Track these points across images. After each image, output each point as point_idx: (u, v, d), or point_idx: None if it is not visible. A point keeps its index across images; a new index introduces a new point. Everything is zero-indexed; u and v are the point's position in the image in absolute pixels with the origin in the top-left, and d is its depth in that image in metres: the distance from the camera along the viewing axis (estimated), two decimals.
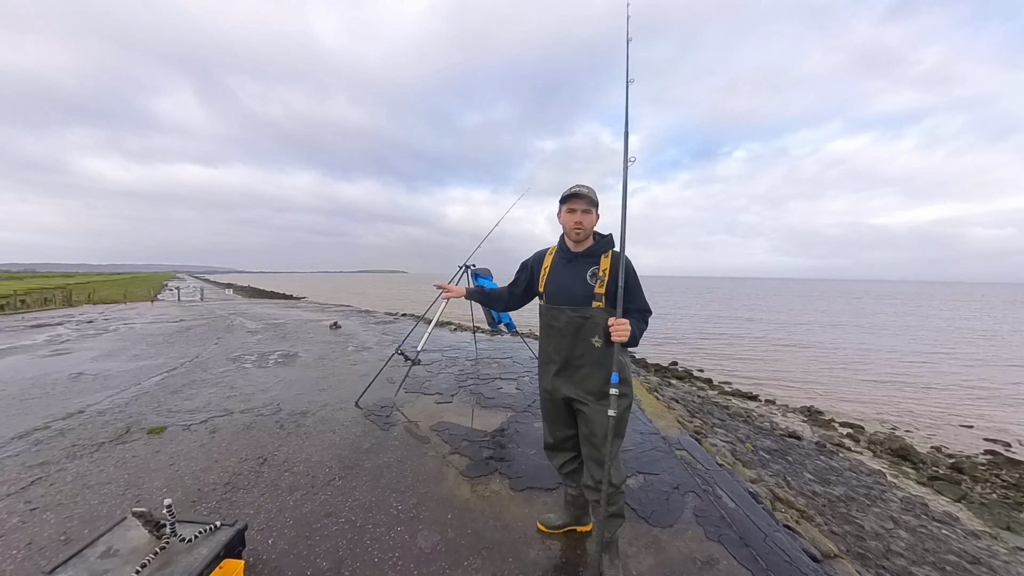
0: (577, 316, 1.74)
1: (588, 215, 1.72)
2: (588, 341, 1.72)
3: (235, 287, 55.88)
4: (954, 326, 28.03)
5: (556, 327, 1.80)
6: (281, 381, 4.70)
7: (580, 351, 1.75)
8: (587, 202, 1.71)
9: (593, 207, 1.73)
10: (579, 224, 1.72)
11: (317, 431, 3.29)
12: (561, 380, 1.83)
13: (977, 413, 9.30)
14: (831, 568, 2.07)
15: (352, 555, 1.91)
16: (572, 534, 2.08)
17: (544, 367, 1.93)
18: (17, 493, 2.39)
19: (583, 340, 1.74)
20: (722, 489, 2.58)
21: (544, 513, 2.22)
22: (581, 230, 1.73)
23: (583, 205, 1.71)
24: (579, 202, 1.71)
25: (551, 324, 1.83)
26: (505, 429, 3.40)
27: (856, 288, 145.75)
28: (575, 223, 1.72)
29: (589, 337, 1.71)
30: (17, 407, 3.83)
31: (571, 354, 1.78)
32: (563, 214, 1.78)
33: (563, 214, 1.78)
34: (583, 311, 1.73)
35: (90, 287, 36.01)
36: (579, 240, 1.78)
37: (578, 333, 1.74)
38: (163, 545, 1.58)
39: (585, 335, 1.73)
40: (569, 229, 1.77)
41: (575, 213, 1.72)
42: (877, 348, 17.96)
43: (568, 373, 1.80)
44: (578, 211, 1.72)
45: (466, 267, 4.28)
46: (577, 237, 1.77)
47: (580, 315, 1.73)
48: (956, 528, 4.14)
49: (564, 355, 1.79)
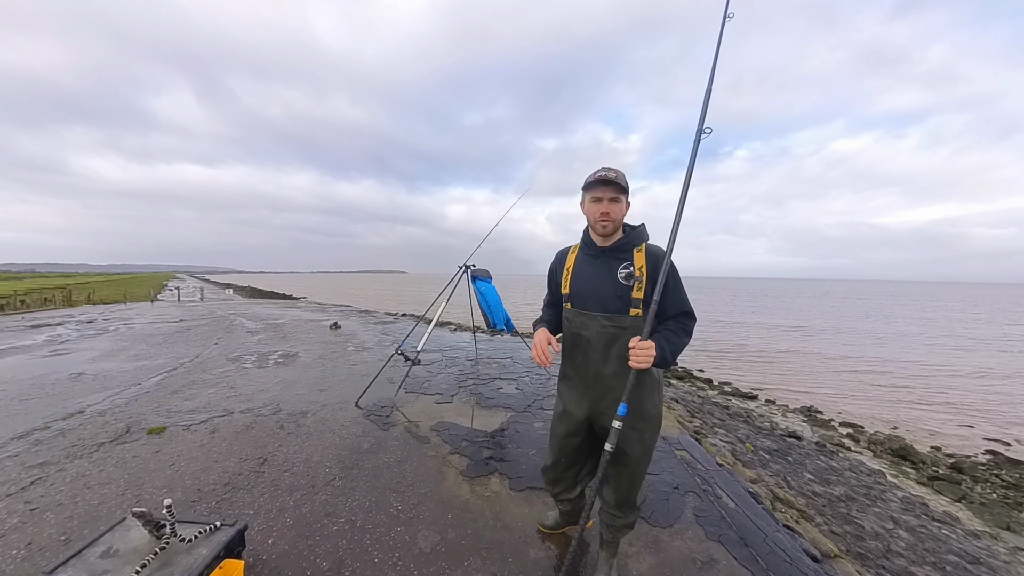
0: (611, 326, 1.48)
1: (617, 204, 1.46)
2: (624, 356, 1.42)
3: (235, 287, 55.87)
4: (954, 327, 28.02)
5: (585, 336, 1.53)
6: (281, 381, 4.70)
7: (613, 369, 1.49)
8: (616, 189, 1.44)
9: (623, 194, 1.46)
10: (606, 215, 1.46)
11: (317, 431, 3.29)
12: (588, 403, 1.58)
13: (977, 413, 9.30)
14: (831, 568, 2.07)
15: (352, 555, 1.91)
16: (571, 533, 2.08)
17: (566, 383, 1.66)
18: (17, 493, 2.39)
19: (618, 356, 1.47)
20: (722, 489, 2.57)
21: (544, 512, 2.21)
22: (609, 222, 1.47)
23: (611, 192, 1.45)
24: (606, 189, 1.44)
25: (579, 332, 1.55)
26: (505, 429, 3.40)
27: (860, 288, 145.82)
28: (601, 213, 1.46)
29: (625, 352, 1.41)
30: (17, 407, 3.83)
31: (601, 371, 1.52)
32: (587, 203, 1.51)
33: (587, 203, 1.51)
34: (618, 320, 1.47)
35: (90, 287, 36.01)
36: (607, 233, 1.50)
37: (611, 347, 1.49)
38: (163, 545, 1.58)
39: (621, 350, 1.45)
40: (595, 220, 1.50)
41: (601, 202, 1.46)
42: (877, 348, 17.97)
43: (597, 394, 1.55)
44: (605, 199, 1.45)
45: (466, 267, 4.28)
46: (604, 230, 1.49)
47: (615, 325, 1.47)
48: (956, 528, 4.14)
49: (593, 372, 1.54)
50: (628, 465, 1.58)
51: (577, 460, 1.77)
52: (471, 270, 4.27)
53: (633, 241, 1.51)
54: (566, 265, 1.64)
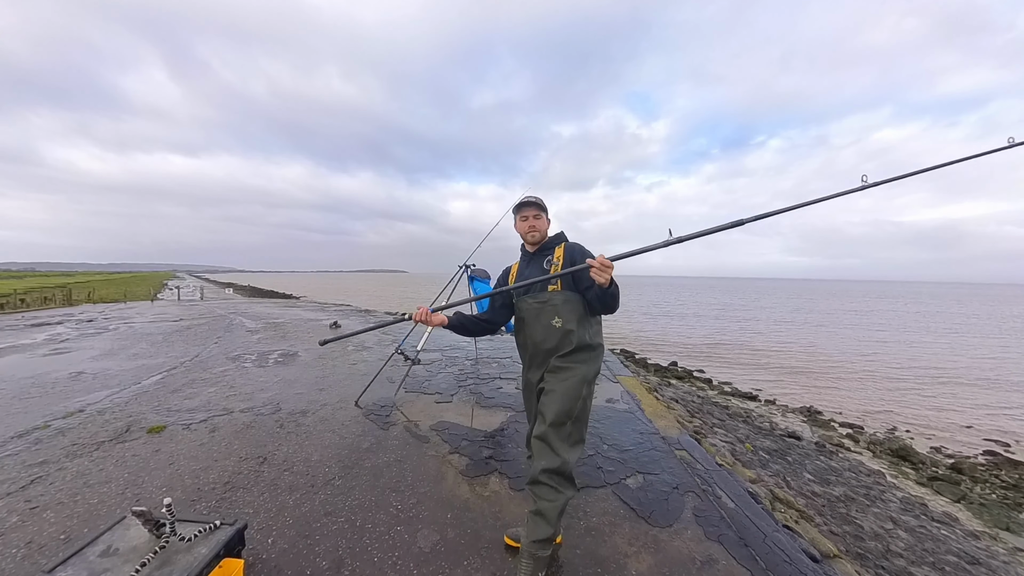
0: (535, 303, 1.88)
1: (539, 219, 1.96)
2: (549, 324, 1.84)
3: (235, 287, 55.91)
4: (956, 327, 28.01)
5: (522, 318, 1.96)
6: (281, 380, 4.70)
7: (543, 335, 1.87)
8: (537, 208, 1.95)
9: (543, 212, 1.96)
10: (533, 228, 1.95)
11: (317, 430, 3.29)
12: (534, 369, 1.96)
13: (977, 413, 9.31)
14: (830, 568, 2.07)
15: (352, 554, 1.92)
16: (568, 534, 2.08)
17: (522, 362, 2.07)
18: (17, 492, 2.39)
19: (544, 324, 1.86)
20: (722, 489, 2.58)
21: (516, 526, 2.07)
22: (536, 232, 1.96)
23: (534, 211, 1.95)
24: (530, 209, 1.95)
25: (519, 317, 1.99)
26: (505, 429, 3.41)
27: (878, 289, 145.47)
28: (529, 227, 1.96)
29: (549, 320, 1.83)
30: (17, 406, 3.83)
31: (537, 339, 1.89)
32: (518, 222, 2.01)
33: (518, 222, 2.01)
34: (542, 296, 1.88)
35: (90, 286, 36.02)
36: (535, 242, 1.99)
37: (539, 318, 1.87)
38: (163, 544, 1.58)
39: (546, 319, 1.85)
40: (525, 233, 1.99)
41: (528, 220, 1.96)
42: (879, 348, 17.97)
43: (538, 360, 1.92)
44: (530, 216, 1.95)
45: (465, 267, 4.26)
46: (532, 239, 1.98)
47: (539, 300, 1.87)
48: (955, 528, 4.14)
49: (533, 342, 1.92)
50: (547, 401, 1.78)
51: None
52: (470, 270, 4.26)
53: (555, 242, 1.99)
54: (511, 274, 2.11)
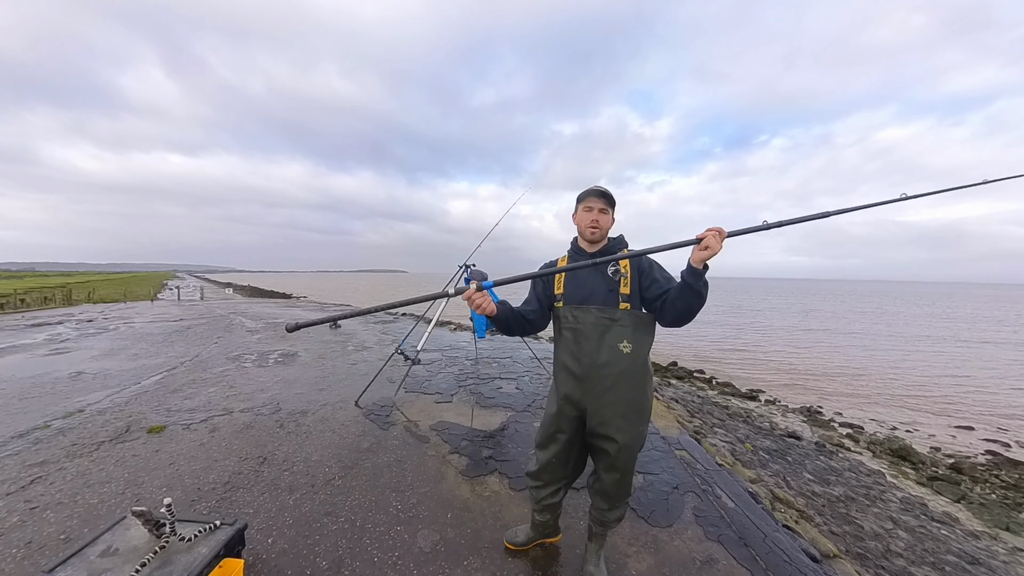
0: (604, 317, 1.59)
1: (605, 215, 1.66)
2: (616, 347, 1.57)
3: (235, 286, 55.90)
4: (958, 326, 28.03)
5: (579, 329, 1.62)
6: (281, 380, 4.70)
7: (606, 358, 1.58)
8: (605, 201, 1.65)
9: (610, 207, 1.67)
10: (595, 223, 1.65)
11: (317, 430, 3.29)
12: (582, 391, 1.63)
13: (977, 413, 9.30)
14: (830, 568, 2.08)
15: (352, 554, 1.92)
16: (569, 534, 2.08)
17: (561, 376, 1.70)
18: (17, 492, 2.39)
19: (610, 345, 1.58)
20: (721, 489, 2.58)
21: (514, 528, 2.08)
22: (597, 229, 1.66)
23: (601, 204, 1.65)
24: (598, 200, 1.65)
25: (574, 327, 1.64)
26: (505, 429, 3.40)
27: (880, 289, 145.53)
28: (591, 221, 1.65)
29: (617, 342, 1.56)
30: (17, 406, 3.83)
31: (595, 361, 1.59)
32: (579, 212, 1.70)
33: (579, 212, 1.70)
34: (610, 312, 1.59)
35: (90, 286, 36.02)
36: (595, 240, 1.69)
37: (604, 337, 1.58)
38: (163, 544, 1.58)
39: (612, 340, 1.57)
40: (584, 227, 1.68)
41: (592, 212, 1.66)
42: (877, 349, 17.97)
43: (591, 384, 1.61)
44: (595, 209, 1.66)
45: (465, 267, 4.25)
46: (593, 236, 1.68)
47: (607, 316, 1.59)
48: (955, 528, 4.14)
49: (588, 362, 1.60)
50: (621, 456, 1.63)
51: (568, 460, 1.77)
52: (470, 270, 4.25)
53: (616, 247, 1.72)
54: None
